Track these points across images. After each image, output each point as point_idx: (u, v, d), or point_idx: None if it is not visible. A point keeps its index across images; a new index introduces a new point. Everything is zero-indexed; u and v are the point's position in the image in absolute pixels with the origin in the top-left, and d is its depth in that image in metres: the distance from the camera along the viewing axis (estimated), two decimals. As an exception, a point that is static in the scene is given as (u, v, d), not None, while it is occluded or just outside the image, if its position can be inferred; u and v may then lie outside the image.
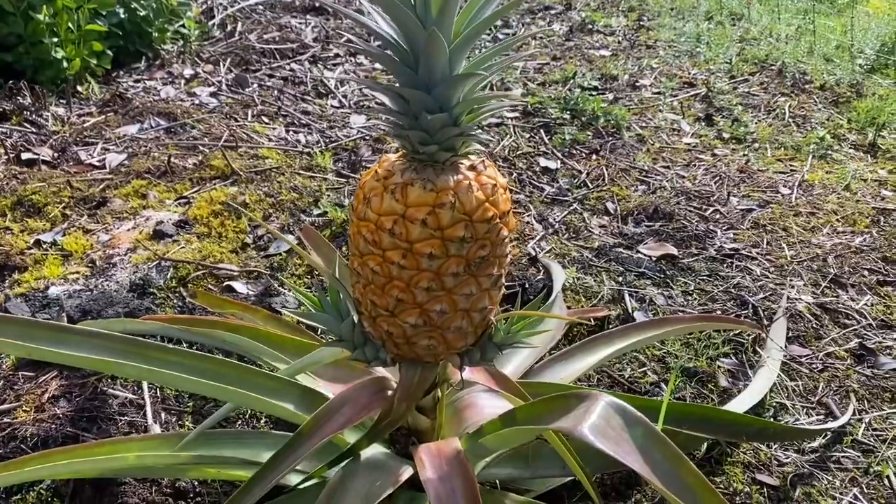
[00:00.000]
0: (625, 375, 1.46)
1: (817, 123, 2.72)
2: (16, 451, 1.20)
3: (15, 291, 1.60)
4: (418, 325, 0.84)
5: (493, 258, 0.83)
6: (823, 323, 1.63)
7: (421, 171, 0.79)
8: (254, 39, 3.38)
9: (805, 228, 2.01)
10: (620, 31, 3.85)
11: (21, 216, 1.91)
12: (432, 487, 0.85)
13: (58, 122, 2.46)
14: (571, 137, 2.51)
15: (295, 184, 2.11)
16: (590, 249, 1.88)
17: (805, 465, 1.27)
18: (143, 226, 1.87)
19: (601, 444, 0.76)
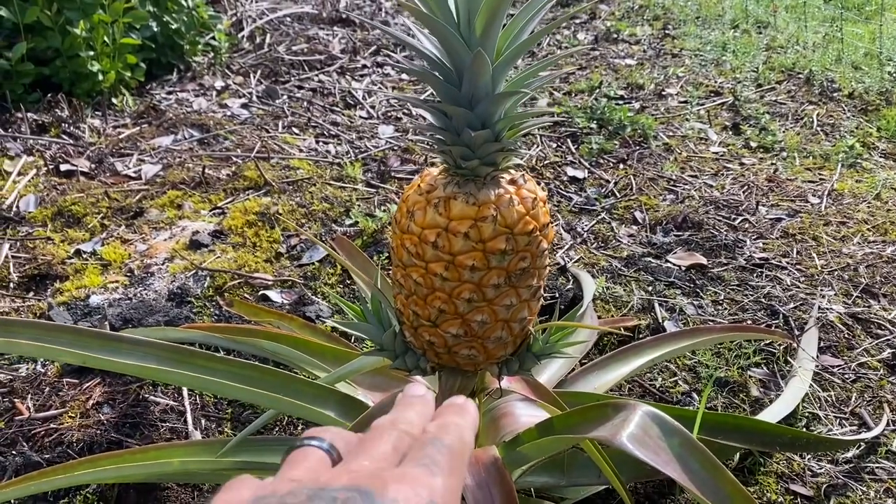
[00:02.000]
0: (656, 385, 1.47)
1: (846, 132, 2.71)
2: (63, 455, 1.24)
3: (57, 300, 1.65)
4: (459, 335, 0.86)
5: (533, 269, 0.85)
6: (855, 333, 1.63)
7: (463, 185, 0.82)
8: (282, 51, 3.43)
9: (835, 238, 2.00)
10: (645, 40, 3.86)
11: (61, 226, 1.96)
12: (471, 494, 0.87)
13: (94, 133, 2.52)
14: (598, 147, 2.52)
15: (326, 194, 2.14)
16: (619, 259, 1.89)
17: (839, 475, 1.27)
18: (180, 236, 1.92)
19: (640, 453, 0.78)
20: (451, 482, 0.40)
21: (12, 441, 1.27)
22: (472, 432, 0.47)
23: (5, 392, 1.38)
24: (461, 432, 0.45)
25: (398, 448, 0.43)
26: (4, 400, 1.36)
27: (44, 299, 1.66)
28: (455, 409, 0.49)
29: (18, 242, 1.85)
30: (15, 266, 1.76)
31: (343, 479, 0.37)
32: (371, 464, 0.40)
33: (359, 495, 0.35)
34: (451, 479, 0.40)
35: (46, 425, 1.30)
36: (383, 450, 0.42)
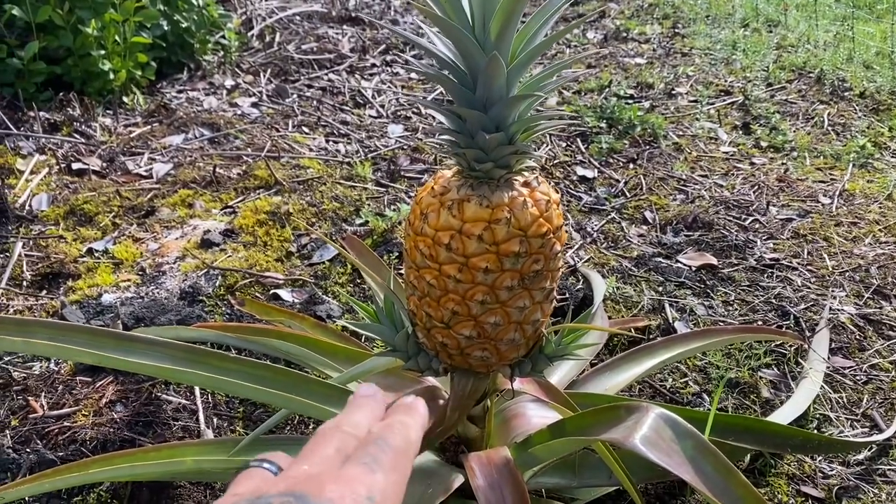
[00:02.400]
0: (666, 386, 1.47)
1: (857, 132, 2.70)
2: (76, 453, 1.25)
3: (70, 299, 1.66)
4: (473, 337, 0.86)
5: (547, 272, 0.85)
6: (867, 334, 1.62)
7: (477, 187, 0.82)
8: (292, 50, 3.44)
9: (847, 238, 2.00)
10: (655, 39, 3.85)
11: (73, 225, 1.97)
12: (483, 495, 0.88)
13: (105, 132, 2.53)
14: (608, 146, 2.52)
15: (336, 193, 2.15)
16: (629, 259, 1.89)
17: (850, 477, 1.27)
18: (191, 235, 1.92)
19: (653, 455, 0.78)
20: (392, 478, 0.40)
21: (27, 439, 1.28)
22: (419, 431, 0.47)
23: (19, 390, 1.39)
24: (407, 431, 0.45)
25: (341, 450, 0.43)
26: (19, 398, 1.37)
27: (56, 298, 1.67)
28: (403, 408, 0.49)
29: (31, 241, 1.87)
30: (28, 264, 1.78)
31: (280, 485, 0.37)
32: (311, 468, 0.40)
33: (294, 499, 0.35)
34: (393, 475, 0.40)
35: (60, 423, 1.31)
36: (325, 453, 0.42)
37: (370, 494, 0.37)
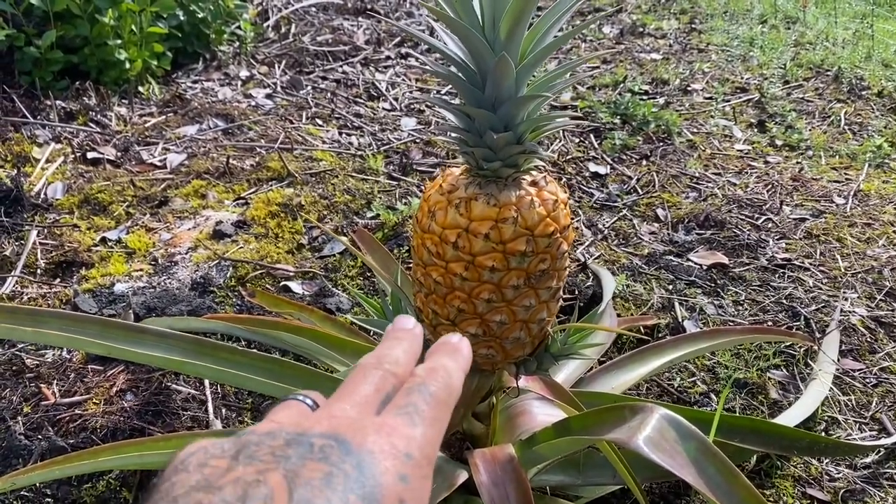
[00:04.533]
0: (674, 385, 1.47)
1: (874, 131, 2.67)
2: (87, 441, 1.27)
3: (83, 287, 1.67)
4: (478, 335, 0.86)
5: (553, 271, 0.85)
6: (878, 337, 1.61)
7: (484, 186, 0.82)
8: (307, 41, 3.44)
9: (860, 239, 1.98)
10: (672, 35, 3.82)
11: (87, 214, 1.98)
12: (486, 491, 0.88)
13: (120, 121, 2.54)
14: (621, 142, 2.51)
15: (348, 186, 2.15)
16: (639, 256, 1.89)
17: (857, 480, 1.26)
18: (203, 225, 1.94)
19: (656, 456, 0.78)
20: (430, 433, 0.39)
21: (38, 425, 1.30)
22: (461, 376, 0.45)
23: (32, 377, 1.41)
24: (450, 378, 0.43)
25: (381, 389, 0.42)
26: (31, 385, 1.39)
27: (70, 286, 1.69)
28: (448, 349, 0.47)
29: (46, 229, 1.89)
30: (42, 253, 1.80)
31: (323, 424, 0.37)
32: (352, 409, 0.40)
33: (336, 444, 0.35)
34: (432, 429, 0.39)
35: (71, 411, 1.33)
36: (365, 392, 0.41)
37: (409, 450, 0.37)
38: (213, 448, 0.35)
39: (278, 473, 0.33)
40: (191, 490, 0.32)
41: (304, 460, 0.34)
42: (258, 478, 0.32)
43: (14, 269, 1.72)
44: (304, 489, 0.32)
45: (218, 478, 0.32)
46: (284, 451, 0.34)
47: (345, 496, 0.32)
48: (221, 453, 0.34)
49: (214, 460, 0.34)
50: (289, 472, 0.33)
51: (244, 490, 0.31)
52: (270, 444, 0.35)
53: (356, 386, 0.42)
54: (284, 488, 0.32)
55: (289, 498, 0.31)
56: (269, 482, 0.32)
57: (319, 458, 0.34)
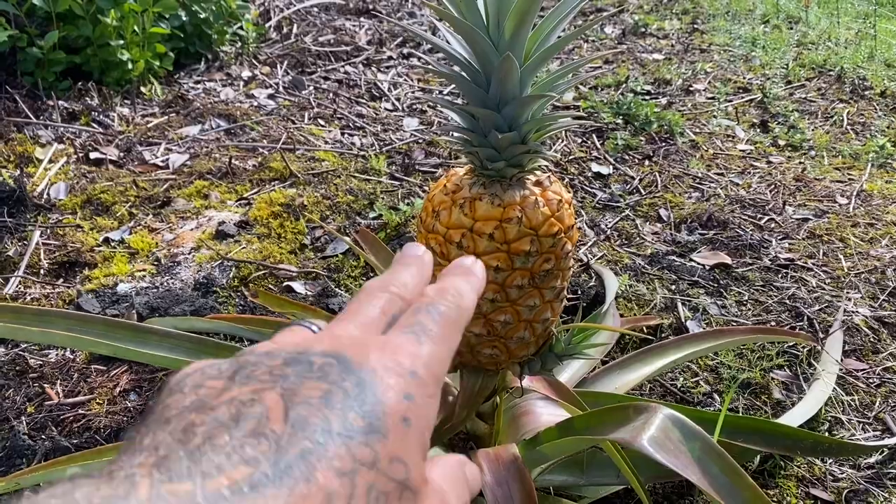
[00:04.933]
0: (677, 385, 1.47)
1: (877, 131, 2.67)
2: (91, 441, 1.27)
3: (86, 287, 1.68)
4: (482, 335, 0.86)
5: (557, 271, 0.85)
6: (881, 337, 1.61)
7: (489, 186, 0.82)
8: (309, 42, 3.45)
9: (863, 240, 1.98)
10: (674, 35, 3.82)
11: (90, 214, 1.99)
12: (490, 491, 0.88)
13: (123, 122, 2.55)
14: (624, 143, 2.51)
15: (350, 186, 2.15)
16: (642, 256, 1.89)
17: (861, 480, 1.26)
18: (206, 226, 1.94)
19: (660, 456, 0.78)
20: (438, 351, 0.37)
21: (42, 425, 1.30)
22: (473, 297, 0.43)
23: (36, 377, 1.41)
24: (460, 298, 0.41)
25: (387, 311, 0.40)
26: (35, 385, 1.39)
27: (73, 286, 1.69)
28: (460, 270, 0.44)
29: (49, 230, 1.89)
30: (46, 253, 1.80)
31: (325, 343, 0.35)
32: (356, 329, 0.38)
33: (336, 362, 0.33)
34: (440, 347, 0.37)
35: (75, 411, 1.33)
36: (370, 314, 0.39)
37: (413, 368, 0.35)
38: (210, 369, 0.34)
39: (275, 392, 0.31)
40: (184, 411, 0.31)
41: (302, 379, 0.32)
42: (253, 397, 0.31)
43: (17, 270, 1.72)
44: (301, 408, 0.30)
45: (212, 398, 0.31)
46: (282, 371, 0.33)
47: (344, 414, 0.31)
48: (218, 374, 0.33)
49: (210, 381, 0.32)
50: (286, 390, 0.31)
51: (238, 409, 0.30)
52: (268, 363, 0.33)
53: (360, 307, 0.40)
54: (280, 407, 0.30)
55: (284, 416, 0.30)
56: (264, 401, 0.30)
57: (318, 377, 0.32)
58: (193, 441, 0.28)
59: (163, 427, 0.30)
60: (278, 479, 0.28)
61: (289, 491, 0.27)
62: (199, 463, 0.27)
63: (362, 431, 0.31)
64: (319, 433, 0.30)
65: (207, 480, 0.26)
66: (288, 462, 0.28)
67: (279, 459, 0.28)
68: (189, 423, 0.30)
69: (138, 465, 0.27)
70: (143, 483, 0.26)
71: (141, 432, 0.30)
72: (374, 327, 0.38)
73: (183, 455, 0.28)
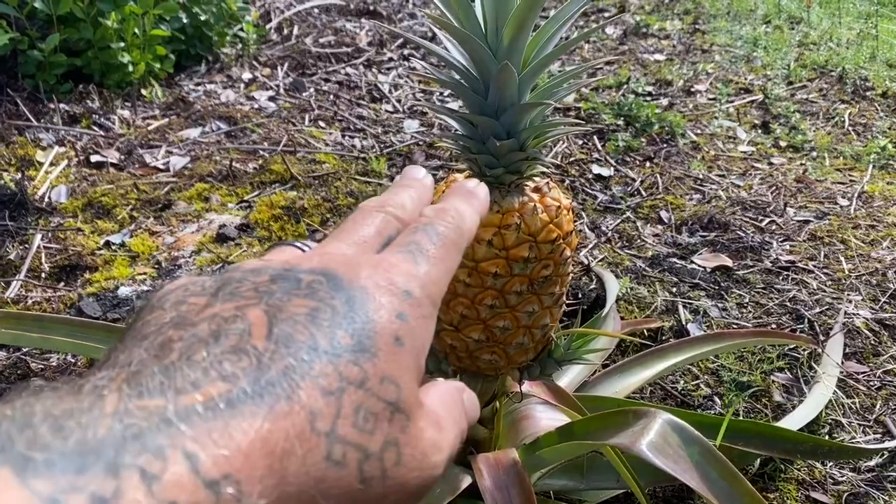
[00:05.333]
0: (678, 388, 1.47)
1: (879, 132, 2.67)
2: (91, 445, 1.27)
3: (87, 291, 1.68)
4: (481, 341, 0.86)
5: (556, 277, 0.85)
6: (882, 339, 1.61)
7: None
8: (310, 43, 3.45)
9: (864, 241, 1.98)
10: (675, 35, 3.82)
11: (91, 217, 1.99)
12: (490, 496, 0.88)
13: (124, 124, 2.55)
14: (625, 144, 2.51)
15: (351, 189, 2.16)
16: (643, 259, 1.89)
17: (861, 484, 1.26)
18: (207, 229, 1.94)
19: (659, 461, 0.78)
20: (435, 272, 0.35)
21: (43, 430, 1.30)
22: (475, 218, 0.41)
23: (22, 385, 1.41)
24: (461, 219, 0.40)
25: (383, 232, 0.38)
26: (36, 389, 1.39)
27: (74, 290, 1.69)
28: (463, 193, 0.43)
29: (50, 233, 1.89)
30: (47, 256, 1.80)
31: (314, 260, 0.34)
32: (348, 248, 0.36)
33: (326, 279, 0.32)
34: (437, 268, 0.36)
35: (76, 415, 1.33)
36: (364, 233, 0.38)
37: (408, 288, 0.33)
38: (193, 286, 0.32)
39: (259, 309, 0.30)
40: (162, 327, 0.29)
41: (289, 296, 0.31)
42: (236, 313, 0.29)
43: (19, 273, 1.72)
44: (286, 324, 0.29)
45: (193, 314, 0.30)
46: (268, 287, 0.31)
47: (332, 332, 0.30)
48: (201, 290, 0.32)
49: (192, 297, 0.31)
50: (271, 307, 0.30)
51: (219, 325, 0.29)
52: (254, 280, 0.32)
53: (356, 226, 0.38)
54: (264, 323, 0.29)
55: (268, 333, 0.29)
56: (247, 317, 0.29)
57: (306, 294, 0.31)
58: (169, 357, 0.27)
59: (139, 343, 0.29)
60: (258, 395, 0.27)
61: (268, 408, 0.26)
62: (172, 378, 0.26)
63: (350, 350, 0.30)
64: (304, 350, 0.29)
65: (181, 396, 0.25)
66: (269, 379, 0.27)
67: (260, 376, 0.27)
68: (166, 339, 0.28)
69: (108, 378, 0.26)
70: (110, 397, 0.25)
71: (117, 349, 0.29)
72: (367, 246, 0.37)
73: (156, 370, 0.26)
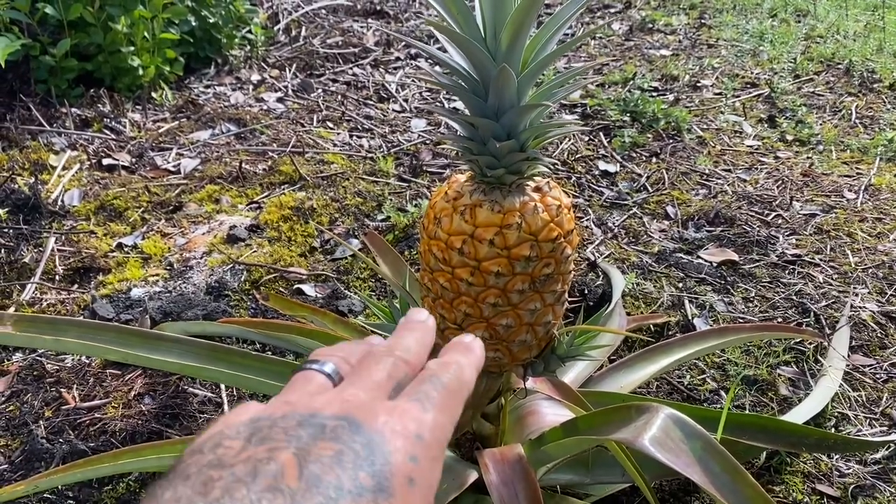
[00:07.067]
0: (684, 382, 1.48)
1: (886, 125, 2.66)
2: (106, 444, 1.30)
3: (100, 293, 1.71)
4: (485, 338, 0.88)
5: (557, 275, 0.87)
6: (888, 332, 1.62)
7: (489, 192, 0.84)
8: (317, 44, 3.47)
9: (871, 234, 1.98)
10: (681, 30, 3.81)
11: (104, 220, 2.02)
12: (496, 490, 0.90)
13: (134, 127, 2.58)
14: (631, 140, 2.52)
15: (359, 188, 2.18)
16: (649, 254, 1.90)
17: (867, 476, 1.27)
18: (218, 230, 1.97)
19: (661, 455, 0.79)
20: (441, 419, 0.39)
21: (59, 429, 1.33)
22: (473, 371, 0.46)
23: (53, 382, 1.44)
24: (461, 371, 0.44)
25: (393, 376, 0.42)
26: (52, 390, 1.42)
27: (87, 292, 1.72)
28: (461, 347, 0.47)
29: (63, 236, 1.92)
30: (60, 259, 1.83)
31: (335, 407, 0.38)
32: (365, 393, 0.40)
33: (347, 424, 0.36)
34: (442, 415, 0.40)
35: (91, 415, 1.36)
36: (377, 378, 0.42)
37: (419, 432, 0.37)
38: (229, 430, 0.36)
39: (289, 451, 0.34)
40: (203, 468, 0.33)
41: (315, 440, 0.35)
42: (269, 455, 0.33)
43: (33, 276, 1.75)
44: (315, 466, 0.33)
45: (230, 457, 0.34)
46: (296, 432, 0.35)
47: (355, 473, 0.33)
48: (236, 435, 0.36)
49: (228, 441, 0.35)
50: (300, 450, 0.34)
51: (254, 467, 0.32)
52: (283, 425, 0.36)
53: (369, 371, 0.43)
54: (295, 465, 0.33)
55: (299, 474, 0.32)
56: (279, 459, 0.33)
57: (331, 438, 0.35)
58: (212, 494, 0.31)
59: (183, 482, 0.32)
60: None
61: None
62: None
63: (371, 490, 0.33)
64: (332, 489, 0.32)
65: None
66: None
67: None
68: (208, 478, 0.32)
69: None
70: None
71: (162, 486, 0.32)
72: (381, 391, 0.41)
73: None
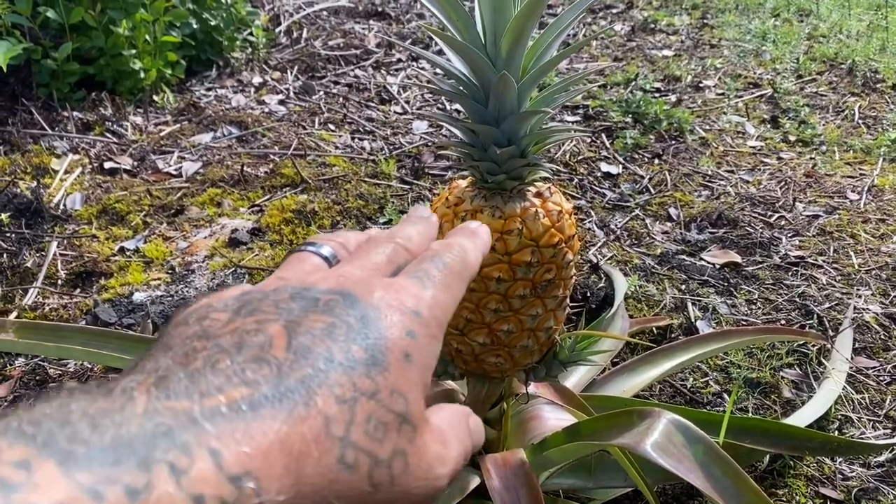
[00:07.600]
0: (686, 385, 1.48)
1: (889, 125, 2.66)
2: (109, 449, 1.30)
3: (103, 297, 1.71)
4: (486, 344, 0.88)
5: (559, 281, 0.86)
6: (892, 334, 1.61)
7: (490, 198, 0.84)
8: (319, 46, 3.47)
9: (874, 236, 1.98)
10: (684, 30, 3.81)
11: (106, 224, 2.02)
12: (498, 495, 0.90)
13: (136, 131, 2.58)
14: (633, 141, 2.51)
15: (361, 191, 2.17)
16: (652, 256, 1.89)
17: (871, 479, 1.27)
18: (219, 233, 1.97)
19: (663, 460, 0.79)
20: (441, 296, 0.38)
21: (62, 435, 1.33)
22: (477, 254, 0.44)
23: (55, 387, 1.44)
24: (465, 253, 0.43)
25: (392, 261, 0.41)
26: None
27: (90, 296, 1.72)
28: (466, 232, 0.46)
29: (66, 240, 1.92)
30: (63, 263, 1.83)
31: (330, 281, 0.36)
32: (361, 271, 0.39)
33: (342, 298, 0.34)
34: (444, 294, 0.38)
35: (94, 420, 1.36)
36: (377, 259, 0.41)
37: (417, 308, 0.36)
38: (217, 303, 0.35)
39: (278, 323, 0.32)
40: (187, 339, 0.32)
41: (307, 312, 0.33)
42: (257, 327, 0.32)
43: (36, 281, 1.76)
44: (304, 337, 0.32)
45: (216, 329, 0.32)
46: (288, 304, 0.34)
47: (347, 346, 0.32)
48: (224, 307, 0.34)
49: (215, 313, 0.34)
50: (290, 322, 0.32)
51: (241, 338, 0.31)
52: (274, 298, 0.34)
53: (369, 252, 0.41)
54: (283, 336, 0.31)
55: (287, 345, 0.31)
56: (267, 330, 0.32)
57: (323, 311, 0.34)
58: (194, 364, 0.30)
59: (165, 353, 0.31)
60: (278, 400, 0.29)
61: (287, 412, 0.29)
62: (198, 383, 0.28)
63: (364, 363, 0.32)
64: (321, 361, 0.31)
65: (206, 398, 0.27)
66: (288, 386, 0.29)
67: (280, 383, 0.29)
68: (191, 349, 0.31)
69: (137, 382, 0.28)
70: (140, 399, 0.27)
71: (144, 358, 0.31)
72: (379, 271, 0.40)
73: (183, 376, 0.29)
